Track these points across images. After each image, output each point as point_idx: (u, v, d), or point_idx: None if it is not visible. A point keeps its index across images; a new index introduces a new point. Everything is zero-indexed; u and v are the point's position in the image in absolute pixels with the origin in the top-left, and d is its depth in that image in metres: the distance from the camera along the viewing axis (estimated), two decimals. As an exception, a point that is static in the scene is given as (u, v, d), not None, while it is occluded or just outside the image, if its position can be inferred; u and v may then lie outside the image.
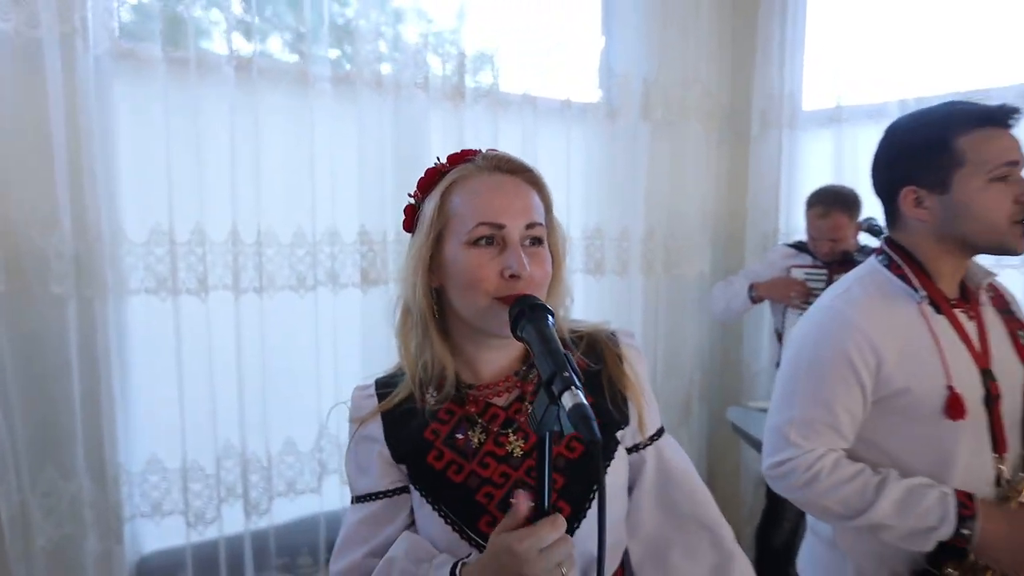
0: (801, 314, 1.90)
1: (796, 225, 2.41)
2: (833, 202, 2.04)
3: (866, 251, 2.02)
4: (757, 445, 2.03)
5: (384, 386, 0.83)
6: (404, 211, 0.82)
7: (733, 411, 2.35)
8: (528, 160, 0.81)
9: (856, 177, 2.16)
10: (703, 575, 0.80)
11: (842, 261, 2.06)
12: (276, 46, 1.69)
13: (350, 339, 1.77)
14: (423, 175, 0.81)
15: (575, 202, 2.23)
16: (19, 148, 1.33)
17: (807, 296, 2.09)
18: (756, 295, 2.18)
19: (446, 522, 0.76)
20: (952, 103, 1.03)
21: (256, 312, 1.59)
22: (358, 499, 0.83)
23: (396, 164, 1.80)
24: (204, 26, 1.58)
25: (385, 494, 0.81)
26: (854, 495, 0.97)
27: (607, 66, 2.36)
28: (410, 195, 0.82)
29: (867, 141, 2.20)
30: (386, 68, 1.76)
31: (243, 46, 1.54)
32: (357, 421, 0.83)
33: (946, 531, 0.93)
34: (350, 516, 0.84)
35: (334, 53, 1.74)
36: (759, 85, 2.50)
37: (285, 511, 1.73)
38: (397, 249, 1.81)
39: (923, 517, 0.94)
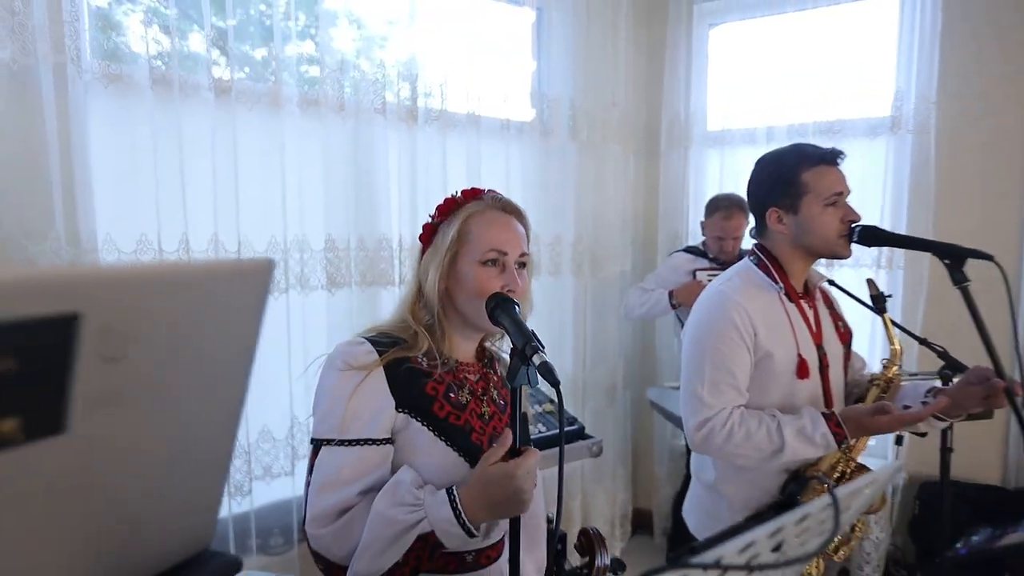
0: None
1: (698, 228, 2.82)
2: (735, 206, 2.40)
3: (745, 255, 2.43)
4: (672, 418, 2.42)
5: (379, 345, 1.01)
6: (423, 227, 1.08)
7: (651, 391, 2.73)
8: (472, 174, 1.11)
9: (737, 188, 2.57)
10: None
11: (739, 259, 2.46)
12: (251, 73, 1.85)
13: (317, 337, 1.95)
14: (442, 203, 1.06)
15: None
16: (15, 165, 1.44)
17: None
18: (676, 302, 2.45)
19: (456, 451, 1.00)
20: (798, 145, 1.39)
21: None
22: (349, 442, 0.95)
23: (357, 179, 2.01)
24: (186, 53, 1.72)
25: (376, 442, 0.97)
26: (764, 440, 1.28)
27: (539, 90, 2.67)
28: (431, 216, 1.07)
29: (744, 159, 2.68)
30: (348, 92, 1.97)
31: (222, 73, 1.71)
32: (358, 369, 0.97)
33: (827, 444, 1.27)
34: (329, 459, 0.95)
35: (308, 68, 1.93)
36: (667, 109, 2.90)
37: (262, 494, 1.89)
38: (359, 256, 2.02)
39: (813, 440, 1.27)
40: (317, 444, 0.98)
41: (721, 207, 2.43)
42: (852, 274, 2.47)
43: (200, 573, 0.46)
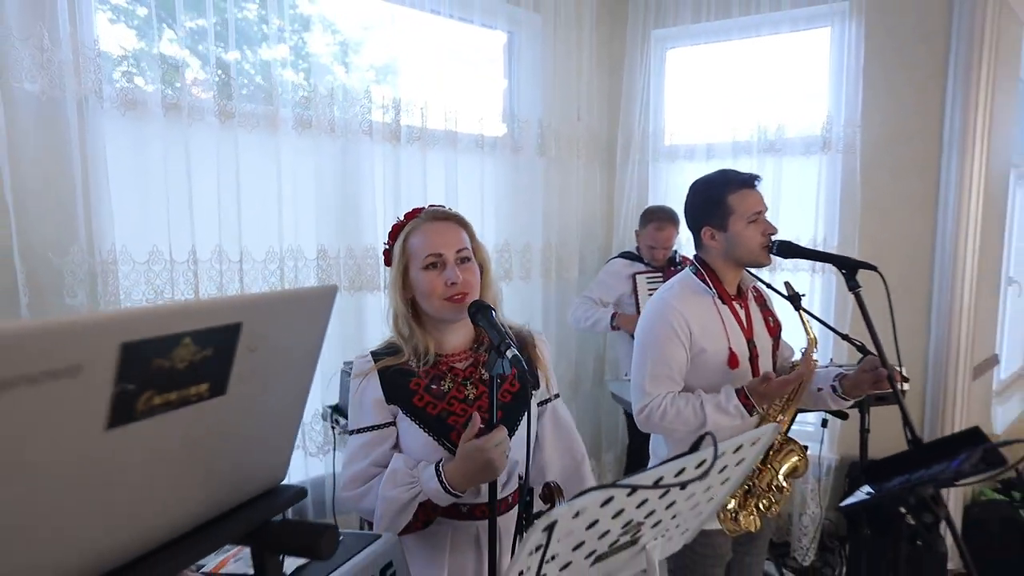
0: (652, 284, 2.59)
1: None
2: (667, 219, 2.66)
3: (677, 258, 2.70)
4: (628, 404, 2.68)
5: (378, 356, 1.28)
6: (383, 253, 1.31)
7: (612, 384, 2.99)
8: (450, 186, 1.34)
9: (678, 199, 2.83)
10: (569, 475, 1.36)
11: (671, 263, 2.73)
12: (252, 97, 2.03)
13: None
14: (391, 228, 1.29)
15: (488, 220, 2.75)
16: (43, 187, 1.61)
17: None
18: (616, 324, 2.65)
19: (429, 435, 1.24)
20: (723, 171, 1.65)
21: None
22: (359, 431, 1.26)
23: (345, 193, 2.21)
24: (193, 81, 1.90)
25: (378, 427, 1.26)
26: (691, 415, 1.53)
27: (511, 108, 2.91)
28: (385, 243, 1.31)
29: (695, 172, 2.96)
30: (337, 115, 2.17)
31: (226, 100, 1.89)
32: (360, 376, 1.27)
33: (740, 413, 1.51)
34: (352, 443, 1.27)
35: (304, 94, 2.12)
36: (623, 127, 3.17)
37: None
38: (348, 263, 2.22)
39: (728, 411, 1.52)
40: (350, 433, 1.29)
41: (654, 219, 2.67)
42: (792, 276, 2.74)
43: (279, 498, 0.68)
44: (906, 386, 1.93)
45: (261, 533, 0.63)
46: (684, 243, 2.80)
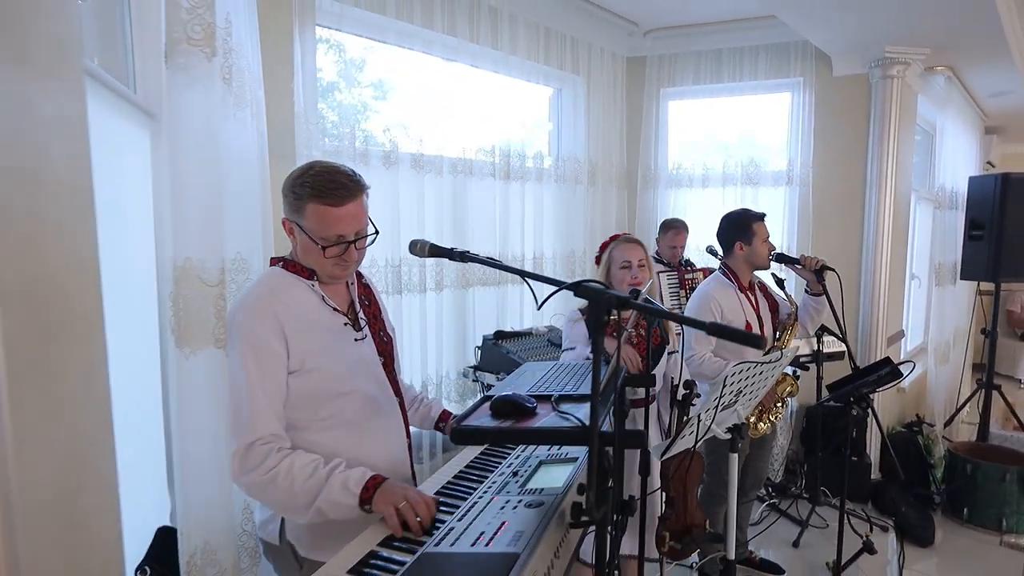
0: (678, 302, 3.54)
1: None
2: (682, 226, 3.63)
3: (687, 261, 3.69)
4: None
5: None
6: (596, 258, 2.19)
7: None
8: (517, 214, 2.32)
9: (686, 216, 3.83)
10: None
11: (682, 264, 3.72)
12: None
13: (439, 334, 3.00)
14: (603, 244, 2.20)
15: (547, 232, 3.65)
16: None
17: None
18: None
19: None
20: (746, 210, 2.64)
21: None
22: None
23: (456, 217, 3.06)
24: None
25: None
26: (717, 368, 2.49)
27: (557, 147, 3.82)
28: (596, 253, 2.19)
29: (690, 196, 3.96)
30: (448, 159, 3.02)
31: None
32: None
33: None
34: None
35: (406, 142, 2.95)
36: (641, 160, 4.15)
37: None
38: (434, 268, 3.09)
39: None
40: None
41: (673, 227, 3.64)
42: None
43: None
44: (843, 346, 2.98)
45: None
46: (692, 248, 3.78)
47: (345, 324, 1.37)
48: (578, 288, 1.09)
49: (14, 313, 0.62)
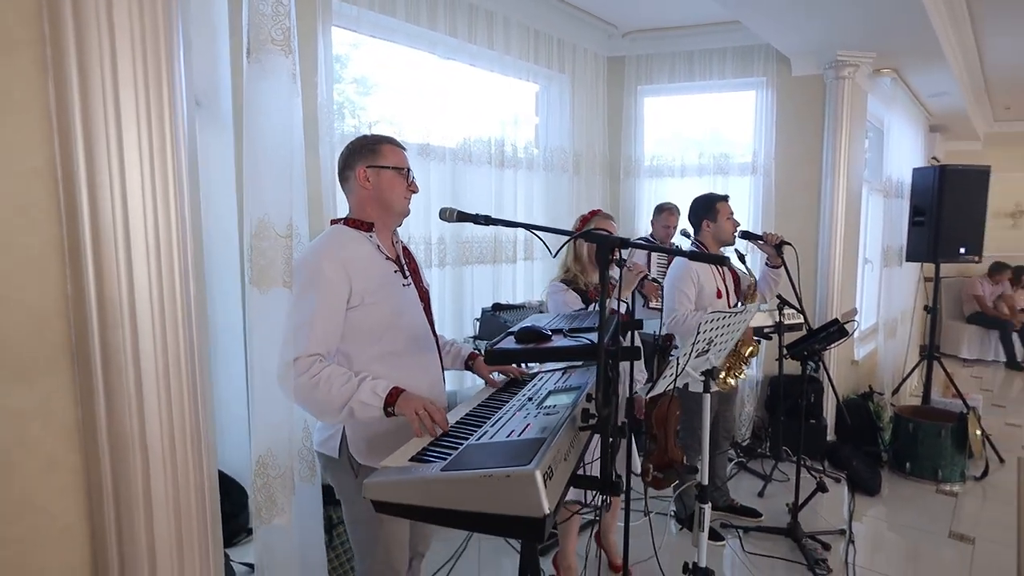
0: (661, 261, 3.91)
1: (646, 227, 4.45)
2: (675, 209, 4.02)
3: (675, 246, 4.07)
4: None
5: (565, 282, 2.52)
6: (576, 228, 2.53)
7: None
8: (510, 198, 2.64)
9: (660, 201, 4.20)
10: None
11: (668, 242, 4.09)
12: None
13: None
14: (582, 218, 2.53)
15: (537, 216, 3.98)
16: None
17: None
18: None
19: None
20: (712, 193, 3.00)
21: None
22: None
23: (457, 201, 3.36)
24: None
25: None
26: (694, 320, 2.85)
27: (545, 139, 4.14)
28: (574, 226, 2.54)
29: (666, 184, 4.33)
30: (458, 146, 3.32)
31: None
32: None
33: None
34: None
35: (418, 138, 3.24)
36: (623, 152, 4.51)
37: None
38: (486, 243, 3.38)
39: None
40: None
41: (665, 210, 4.03)
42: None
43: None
44: (801, 318, 3.38)
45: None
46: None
47: (395, 271, 1.68)
48: (587, 235, 1.41)
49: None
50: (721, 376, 2.93)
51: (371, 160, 1.65)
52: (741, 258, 3.08)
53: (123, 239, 0.95)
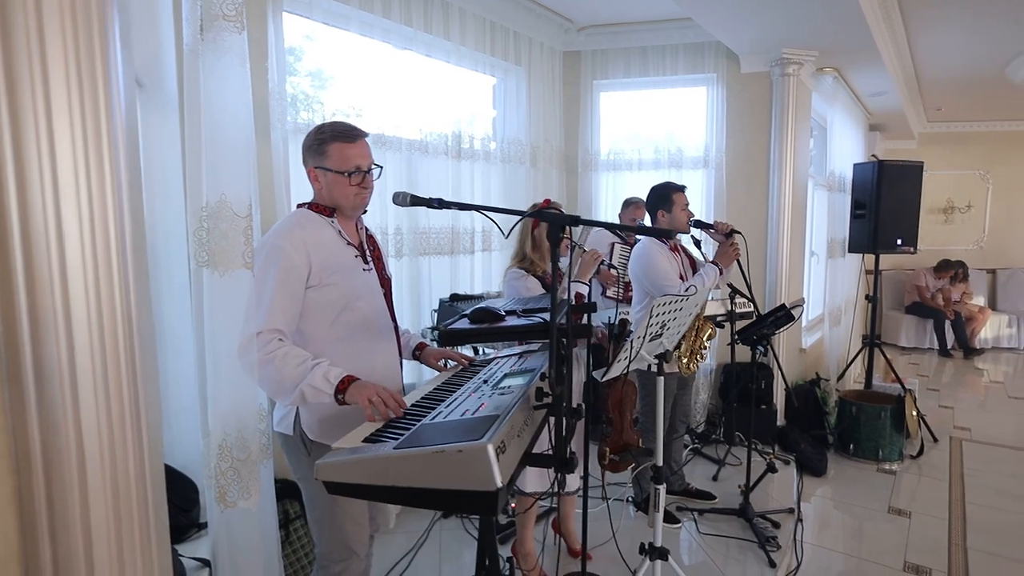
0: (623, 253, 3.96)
1: (605, 219, 4.51)
2: (642, 203, 4.05)
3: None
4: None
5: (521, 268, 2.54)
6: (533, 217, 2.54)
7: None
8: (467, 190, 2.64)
9: (621, 196, 4.29)
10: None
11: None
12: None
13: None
14: (541, 204, 2.54)
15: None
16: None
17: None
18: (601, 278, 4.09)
19: None
20: (668, 182, 3.07)
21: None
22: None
23: (416, 191, 3.34)
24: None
25: None
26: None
27: (502, 131, 4.15)
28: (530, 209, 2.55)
29: (623, 178, 4.41)
30: (416, 139, 3.29)
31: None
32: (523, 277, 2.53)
33: None
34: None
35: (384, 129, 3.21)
36: (580, 145, 4.56)
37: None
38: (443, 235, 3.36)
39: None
40: None
41: (632, 203, 4.08)
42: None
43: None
44: (751, 306, 3.50)
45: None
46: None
47: (356, 256, 1.66)
48: (539, 213, 1.42)
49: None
50: (683, 361, 3.00)
51: (318, 161, 1.66)
52: (697, 245, 3.16)
53: (55, 232, 0.88)
